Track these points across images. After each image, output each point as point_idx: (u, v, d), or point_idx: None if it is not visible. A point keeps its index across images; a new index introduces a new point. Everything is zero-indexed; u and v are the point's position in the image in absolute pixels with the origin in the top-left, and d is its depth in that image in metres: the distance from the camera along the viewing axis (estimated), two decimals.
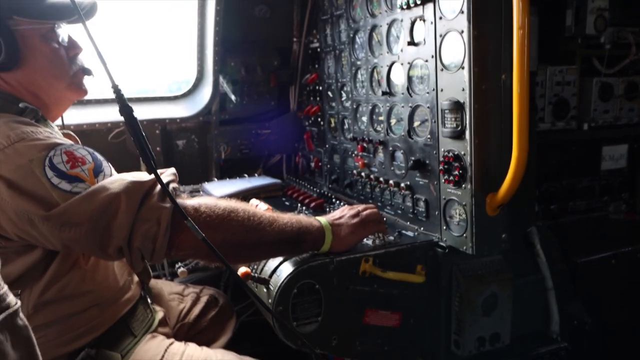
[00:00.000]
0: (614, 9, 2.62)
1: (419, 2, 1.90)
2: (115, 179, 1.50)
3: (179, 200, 1.52)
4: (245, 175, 3.09)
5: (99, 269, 1.73)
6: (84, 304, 1.67)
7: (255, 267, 1.95)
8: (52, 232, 1.42)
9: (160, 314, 2.05)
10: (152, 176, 1.50)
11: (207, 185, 2.90)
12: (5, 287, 0.82)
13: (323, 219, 1.80)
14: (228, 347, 2.28)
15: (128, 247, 1.44)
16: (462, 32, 1.73)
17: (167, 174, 1.62)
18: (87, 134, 2.82)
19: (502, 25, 1.71)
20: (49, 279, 1.57)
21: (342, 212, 1.88)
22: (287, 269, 1.77)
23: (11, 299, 0.83)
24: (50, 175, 1.43)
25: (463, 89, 1.76)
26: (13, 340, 0.81)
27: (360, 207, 1.94)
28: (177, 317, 2.29)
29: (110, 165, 1.60)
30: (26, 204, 1.41)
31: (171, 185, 1.55)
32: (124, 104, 1.37)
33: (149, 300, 2.02)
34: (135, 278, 1.96)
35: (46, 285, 1.57)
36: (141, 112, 3.02)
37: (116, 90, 1.36)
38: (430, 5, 1.88)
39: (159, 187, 1.49)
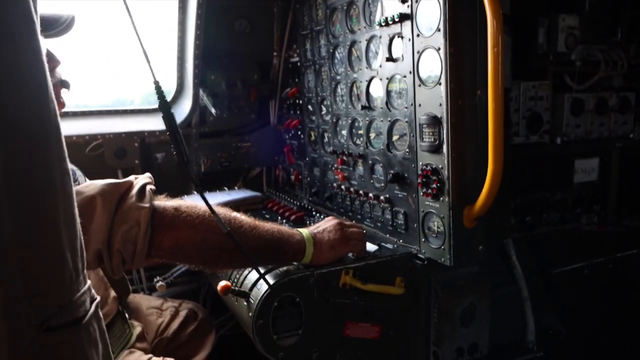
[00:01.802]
0: (583, 27, 2.72)
1: (397, 20, 1.95)
2: (90, 184, 1.48)
3: (158, 202, 1.51)
4: (225, 188, 3.09)
5: None
6: None
7: (236, 280, 1.94)
8: None
9: (138, 329, 2.03)
10: (128, 179, 1.50)
11: (186, 199, 2.89)
12: (89, 282, 0.90)
13: (305, 231, 1.80)
14: None
15: (108, 250, 1.41)
16: (439, 49, 1.78)
17: (144, 177, 1.61)
18: None
19: (477, 44, 1.77)
20: None
21: (326, 224, 1.88)
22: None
23: (94, 292, 0.92)
24: None
25: (440, 104, 1.81)
26: (99, 328, 0.90)
27: (347, 222, 1.94)
28: (156, 331, 2.26)
29: (84, 175, 1.58)
30: None
31: (149, 187, 1.53)
32: (163, 99, 1.42)
33: (126, 316, 2.00)
34: (112, 293, 1.93)
35: None
36: (120, 125, 3.00)
37: (157, 86, 1.41)
38: (407, 23, 1.92)
39: (136, 188, 1.47)
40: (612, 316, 2.52)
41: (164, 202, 1.56)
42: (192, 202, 1.61)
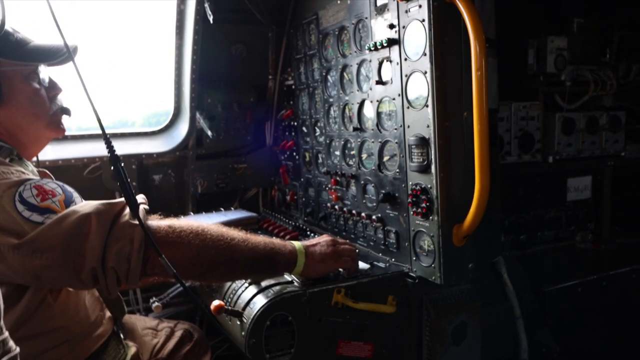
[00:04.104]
0: (572, 48, 2.79)
1: (385, 45, 2.01)
2: (85, 203, 1.52)
3: (152, 222, 1.55)
4: (222, 209, 3.12)
5: (69, 305, 1.72)
6: (53, 340, 1.65)
7: (229, 299, 1.96)
8: (24, 262, 1.42)
9: (133, 349, 2.03)
10: (122, 199, 1.53)
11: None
12: (7, 333, 0.88)
13: (297, 243, 1.84)
14: None
15: (102, 268, 1.43)
16: (426, 72, 1.83)
17: (137, 197, 1.64)
18: (63, 170, 2.83)
19: (463, 67, 1.82)
20: (16, 317, 1.55)
21: (320, 239, 1.93)
22: (260, 301, 1.80)
23: (12, 344, 0.88)
24: (21, 209, 1.45)
25: (428, 126, 1.85)
26: None
27: (341, 240, 1.99)
28: (151, 352, 2.26)
29: (81, 197, 1.62)
30: None
31: (142, 207, 1.56)
32: (113, 153, 1.50)
33: (121, 336, 2.01)
34: (108, 313, 1.95)
35: (13, 324, 1.54)
36: (118, 148, 3.03)
37: (107, 140, 1.45)
38: (396, 48, 1.98)
39: (129, 207, 1.50)
40: (606, 334, 2.52)
41: (157, 220, 1.60)
42: (185, 220, 1.65)
